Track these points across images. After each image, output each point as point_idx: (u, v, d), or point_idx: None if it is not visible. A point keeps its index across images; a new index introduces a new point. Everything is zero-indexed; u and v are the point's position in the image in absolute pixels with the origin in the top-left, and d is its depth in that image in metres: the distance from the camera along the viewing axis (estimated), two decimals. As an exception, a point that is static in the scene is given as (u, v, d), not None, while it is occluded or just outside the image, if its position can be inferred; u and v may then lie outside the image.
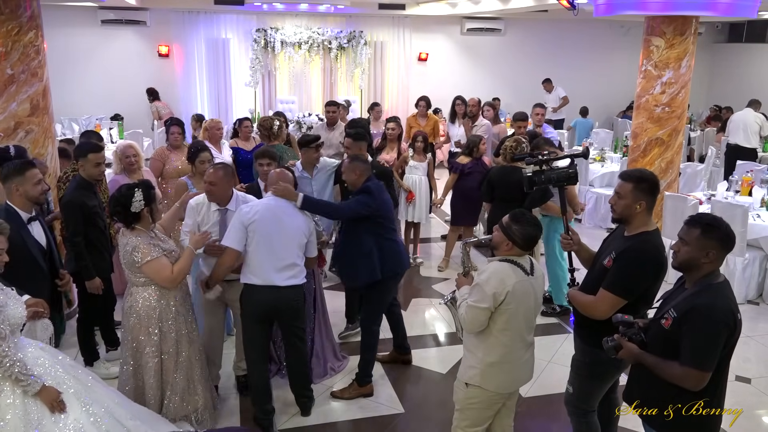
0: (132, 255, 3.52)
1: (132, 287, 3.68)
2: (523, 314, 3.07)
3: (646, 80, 6.73)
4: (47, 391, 2.86)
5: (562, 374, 3.03)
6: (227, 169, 4.13)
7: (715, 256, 2.55)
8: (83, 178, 4.33)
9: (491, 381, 3.12)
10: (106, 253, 4.49)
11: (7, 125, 5.05)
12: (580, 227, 8.51)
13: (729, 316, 2.49)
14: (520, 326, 3.09)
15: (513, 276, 3.03)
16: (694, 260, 2.57)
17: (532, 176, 3.60)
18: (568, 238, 3.41)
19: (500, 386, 3.15)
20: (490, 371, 3.10)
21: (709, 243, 2.54)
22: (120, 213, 3.55)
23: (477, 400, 3.18)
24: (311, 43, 12.40)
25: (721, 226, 2.57)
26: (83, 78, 11.79)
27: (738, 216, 6.06)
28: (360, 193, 4.18)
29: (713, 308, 2.48)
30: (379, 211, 4.17)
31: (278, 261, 3.78)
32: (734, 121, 10.03)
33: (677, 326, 2.53)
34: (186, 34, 12.18)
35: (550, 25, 13.67)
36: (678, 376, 2.52)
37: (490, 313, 3.03)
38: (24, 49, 5.04)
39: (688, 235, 2.60)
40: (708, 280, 2.57)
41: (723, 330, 2.47)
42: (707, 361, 2.48)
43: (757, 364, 5.12)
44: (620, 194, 3.05)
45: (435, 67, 13.62)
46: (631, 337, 2.70)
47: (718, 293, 2.54)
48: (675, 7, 6.09)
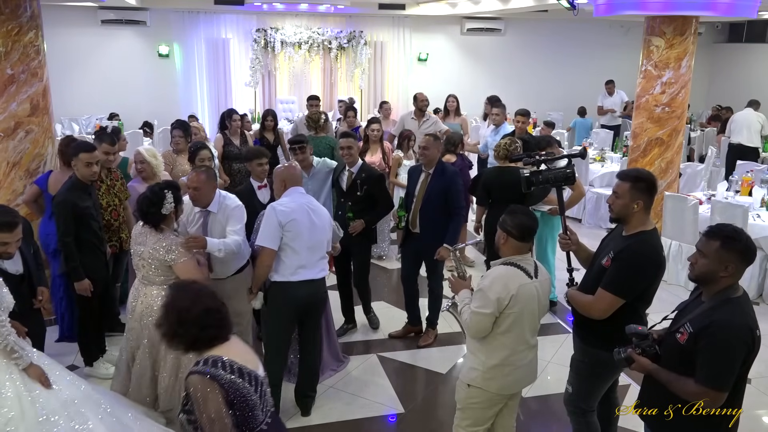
0: (167, 253, 3.57)
1: (147, 286, 3.69)
2: (527, 317, 3.04)
3: (646, 80, 6.72)
4: (34, 368, 3.04)
5: (562, 374, 3.04)
6: (209, 172, 4.13)
7: (734, 269, 2.44)
8: (78, 179, 4.28)
9: (493, 383, 3.10)
10: (100, 254, 4.42)
11: (7, 125, 5.05)
12: (579, 227, 8.52)
13: (747, 333, 2.40)
14: (524, 329, 3.07)
15: (517, 280, 2.99)
16: (713, 273, 2.46)
17: (530, 176, 3.61)
18: (567, 237, 3.40)
19: (502, 388, 3.14)
20: (492, 373, 3.09)
21: (729, 256, 2.43)
22: (153, 213, 3.58)
23: (478, 400, 3.17)
24: (311, 43, 12.41)
25: (741, 238, 2.46)
26: (83, 78, 11.79)
27: (738, 216, 6.05)
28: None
29: (731, 326, 2.39)
30: None
31: (314, 255, 3.91)
32: (736, 120, 10.03)
33: (693, 342, 2.44)
34: (186, 34, 12.18)
35: (550, 25, 13.67)
36: (693, 394, 2.44)
37: (494, 319, 3.00)
38: (24, 49, 5.03)
39: (707, 247, 2.48)
40: (726, 294, 2.47)
41: (741, 349, 2.40)
42: (724, 381, 2.40)
43: (757, 364, 5.03)
44: (618, 194, 3.05)
45: (435, 67, 13.62)
46: (645, 349, 2.61)
47: (736, 309, 2.44)
48: (675, 7, 6.09)
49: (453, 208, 4.84)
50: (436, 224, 4.84)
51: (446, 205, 4.84)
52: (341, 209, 5.16)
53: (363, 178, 5.05)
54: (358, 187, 5.05)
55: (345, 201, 5.15)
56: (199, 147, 5.31)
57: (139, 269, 3.75)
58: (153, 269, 3.66)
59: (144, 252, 3.65)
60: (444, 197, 4.83)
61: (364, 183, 5.02)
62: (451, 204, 4.83)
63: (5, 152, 5.06)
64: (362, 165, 5.22)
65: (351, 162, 5.14)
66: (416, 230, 4.98)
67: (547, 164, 3.61)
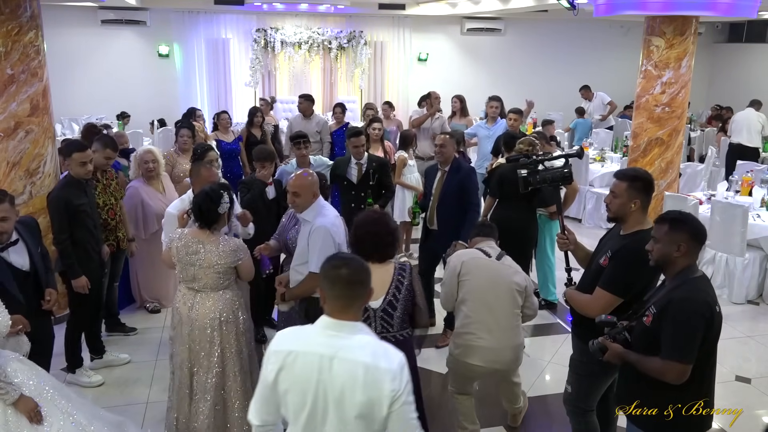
0: (234, 253, 3.51)
1: (202, 293, 3.54)
2: (478, 288, 3.54)
3: (646, 80, 6.72)
4: (24, 401, 2.86)
5: (562, 374, 3.06)
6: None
7: (686, 248, 2.58)
8: (73, 177, 4.25)
9: (455, 348, 3.62)
10: (94, 253, 4.39)
11: (7, 125, 5.05)
12: (579, 227, 8.52)
13: (705, 307, 2.52)
14: (477, 302, 3.54)
15: (471, 254, 3.68)
16: (667, 256, 2.61)
17: (527, 176, 3.62)
18: (565, 237, 3.42)
19: (461, 353, 3.57)
20: (456, 340, 3.62)
21: (679, 236, 2.57)
22: (211, 212, 3.47)
23: (452, 366, 3.74)
24: (311, 43, 12.41)
25: (687, 219, 2.63)
26: (83, 78, 11.79)
27: (738, 216, 6.06)
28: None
29: (689, 300, 2.52)
30: None
31: None
32: (737, 120, 10.04)
33: (657, 322, 2.56)
34: (186, 34, 12.18)
35: (550, 25, 13.67)
36: (659, 370, 2.54)
37: (454, 289, 3.59)
38: (24, 49, 5.03)
39: (658, 232, 2.64)
40: (685, 275, 2.61)
41: (700, 321, 2.50)
42: (686, 353, 2.50)
43: (757, 364, 5.12)
44: (615, 193, 3.08)
45: (435, 67, 13.62)
46: (614, 337, 2.72)
47: (693, 286, 2.57)
48: (675, 7, 6.08)
49: (467, 204, 4.93)
50: (453, 221, 4.93)
51: (462, 201, 4.93)
52: (354, 201, 5.33)
53: (375, 168, 5.37)
54: (370, 177, 5.37)
55: (358, 192, 5.36)
56: (206, 149, 5.37)
57: (196, 280, 3.52)
58: (216, 275, 3.50)
59: (204, 260, 3.47)
60: (460, 193, 4.93)
61: (376, 172, 5.35)
62: (466, 200, 4.93)
63: (5, 152, 5.06)
64: (369, 156, 5.51)
65: (360, 155, 5.42)
66: (434, 227, 5.10)
67: (545, 164, 3.62)
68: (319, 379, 2.05)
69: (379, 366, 2.03)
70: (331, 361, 2.05)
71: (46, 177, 5.23)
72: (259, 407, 2.20)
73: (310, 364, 2.06)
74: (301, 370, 2.08)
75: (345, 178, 5.45)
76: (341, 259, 2.19)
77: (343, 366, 2.04)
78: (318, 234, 3.49)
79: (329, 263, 2.16)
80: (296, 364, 2.08)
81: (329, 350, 2.06)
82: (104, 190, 4.81)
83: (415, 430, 2.13)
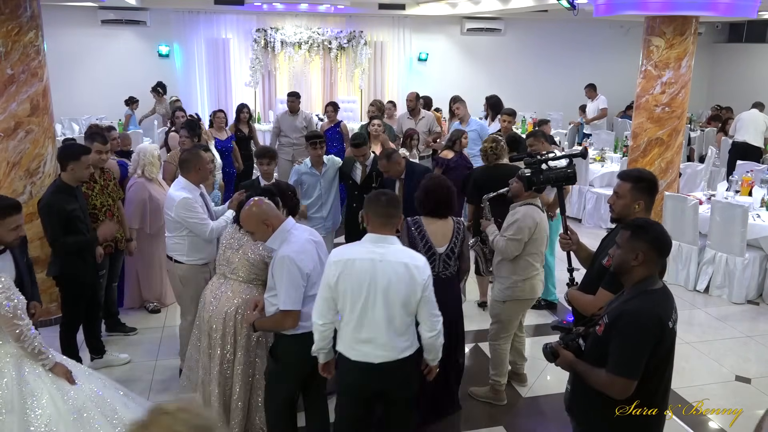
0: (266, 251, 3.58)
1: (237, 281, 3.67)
2: (540, 241, 4.07)
3: (646, 80, 6.72)
4: (59, 366, 3.19)
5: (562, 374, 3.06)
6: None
7: (643, 258, 2.48)
8: (63, 182, 4.25)
9: (524, 292, 4.11)
10: (89, 257, 4.38)
11: (7, 125, 5.05)
12: (579, 227, 8.52)
13: (655, 322, 2.42)
14: (540, 250, 4.12)
15: (537, 213, 4.04)
16: (626, 263, 2.53)
17: (531, 176, 3.60)
18: (567, 237, 3.41)
19: (532, 292, 4.14)
20: (523, 285, 4.09)
21: (638, 244, 2.49)
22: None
23: (511, 311, 4.21)
24: (311, 43, 12.40)
25: (651, 228, 2.53)
26: (83, 78, 11.78)
27: (738, 216, 6.06)
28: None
29: (640, 314, 2.42)
30: None
31: None
32: (743, 119, 10.06)
33: (608, 332, 2.47)
34: (186, 34, 12.17)
35: (550, 25, 13.67)
36: (603, 384, 2.48)
37: (524, 244, 3.99)
38: (24, 49, 5.03)
39: (621, 238, 2.57)
40: (643, 286, 2.51)
41: (646, 337, 2.40)
42: (631, 369, 2.42)
43: (757, 364, 5.12)
44: (619, 194, 3.06)
45: (435, 67, 13.62)
46: (567, 343, 2.66)
47: (647, 299, 2.47)
48: (675, 7, 6.09)
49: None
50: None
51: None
52: (357, 201, 5.35)
53: (378, 169, 5.35)
54: (373, 179, 5.40)
55: (361, 193, 5.33)
56: (203, 149, 5.35)
57: (229, 263, 3.66)
58: (252, 268, 3.63)
59: (243, 256, 3.62)
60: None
61: (380, 174, 5.36)
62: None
63: (5, 152, 5.06)
64: (374, 158, 5.52)
65: (364, 158, 5.48)
66: None
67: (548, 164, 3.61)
68: (372, 276, 2.88)
69: (413, 264, 2.94)
70: (380, 263, 2.89)
71: (46, 177, 5.23)
72: (321, 308, 2.97)
73: (365, 265, 2.89)
74: (358, 270, 2.89)
75: (350, 177, 5.57)
76: (381, 192, 3.09)
77: (388, 266, 2.90)
78: (282, 265, 3.14)
79: (374, 195, 3.04)
80: (354, 267, 2.90)
81: (377, 255, 2.92)
82: (102, 191, 4.79)
83: (435, 310, 3.02)
